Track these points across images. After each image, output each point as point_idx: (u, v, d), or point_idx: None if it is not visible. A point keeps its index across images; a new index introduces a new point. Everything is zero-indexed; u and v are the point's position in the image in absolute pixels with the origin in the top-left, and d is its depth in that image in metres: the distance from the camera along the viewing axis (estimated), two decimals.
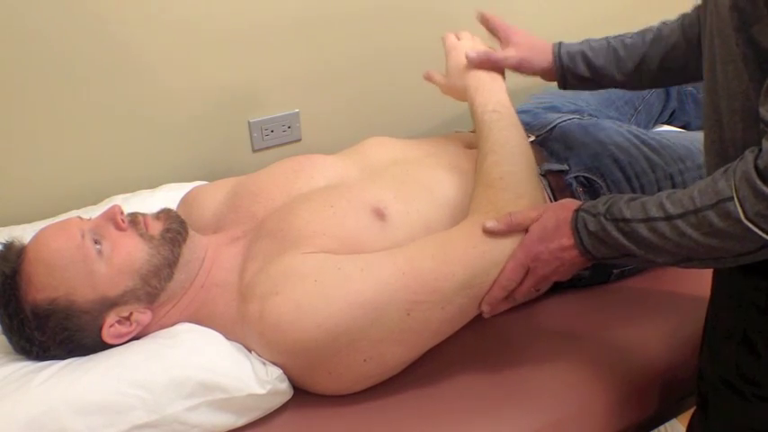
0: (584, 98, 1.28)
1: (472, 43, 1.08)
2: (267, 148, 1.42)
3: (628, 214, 0.68)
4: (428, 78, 1.11)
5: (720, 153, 0.68)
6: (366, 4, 1.38)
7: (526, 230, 0.80)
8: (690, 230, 0.62)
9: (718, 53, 0.64)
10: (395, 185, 0.95)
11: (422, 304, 0.79)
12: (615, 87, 1.00)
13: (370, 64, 1.45)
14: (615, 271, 1.07)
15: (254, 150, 1.41)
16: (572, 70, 0.99)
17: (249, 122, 1.37)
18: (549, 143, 1.10)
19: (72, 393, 0.73)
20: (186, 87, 1.27)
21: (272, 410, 0.83)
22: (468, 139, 1.15)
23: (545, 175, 1.03)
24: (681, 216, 0.63)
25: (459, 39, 1.09)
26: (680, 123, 1.45)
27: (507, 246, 0.80)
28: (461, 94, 1.03)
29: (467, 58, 1.02)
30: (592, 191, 1.03)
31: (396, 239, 0.88)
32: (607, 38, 0.99)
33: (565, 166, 1.05)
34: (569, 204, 0.78)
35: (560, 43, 1.01)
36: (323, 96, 1.43)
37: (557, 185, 1.02)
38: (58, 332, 0.79)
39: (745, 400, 0.73)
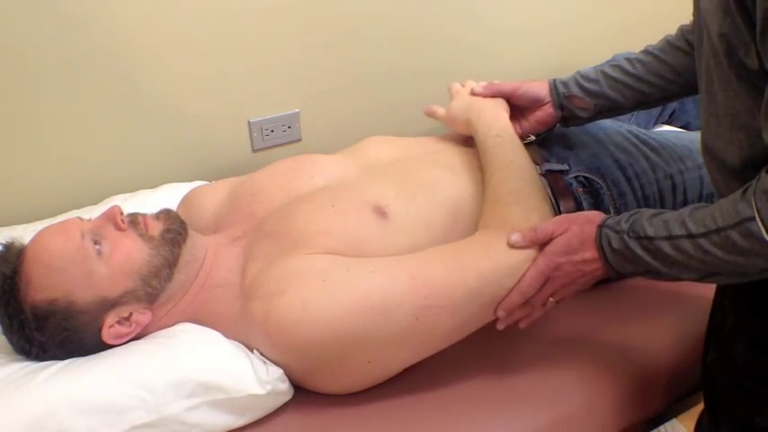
0: None
1: (477, 86, 1.13)
2: (267, 148, 1.42)
3: (651, 232, 0.70)
4: (430, 114, 1.14)
5: (721, 168, 0.70)
6: (366, 4, 1.37)
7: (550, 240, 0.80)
8: (714, 249, 0.64)
9: (715, 74, 0.65)
10: (396, 184, 0.95)
11: (431, 309, 0.78)
12: (616, 107, 1.02)
13: (371, 64, 1.45)
14: None
15: (254, 150, 1.41)
16: (565, 94, 1.04)
17: (249, 122, 1.37)
18: (548, 143, 1.10)
19: (72, 393, 0.73)
20: (186, 87, 1.27)
21: (272, 411, 0.83)
22: (467, 137, 1.14)
23: (545, 175, 1.03)
24: (703, 235, 0.65)
25: (463, 85, 1.15)
26: (680, 123, 1.45)
27: (521, 257, 0.80)
28: (465, 126, 1.07)
29: (474, 93, 1.10)
30: (592, 191, 1.03)
31: (397, 239, 0.88)
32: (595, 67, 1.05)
33: (565, 166, 1.05)
34: (594, 218, 0.78)
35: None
36: (323, 96, 1.43)
37: (557, 185, 1.02)
38: (57, 333, 0.79)
39: (757, 401, 0.74)
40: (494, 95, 1.08)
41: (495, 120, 1.03)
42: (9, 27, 1.07)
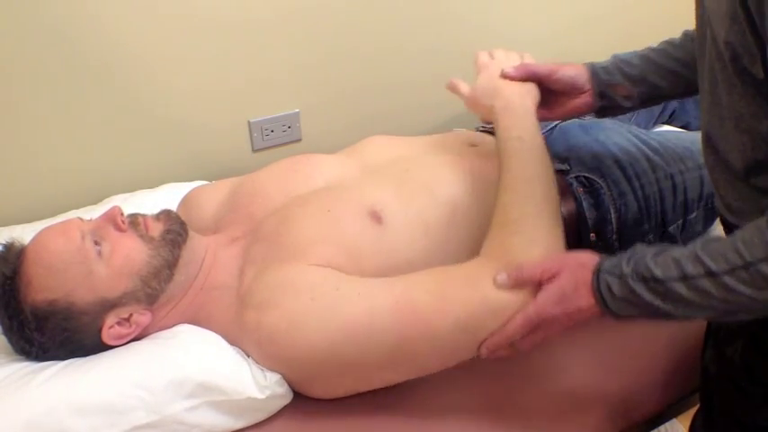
0: None
1: (507, 59, 1.00)
2: (267, 148, 1.42)
3: (659, 273, 0.64)
4: (452, 88, 1.02)
5: (724, 169, 0.69)
6: (367, 6, 1.37)
7: (538, 283, 0.75)
8: (741, 287, 0.58)
9: (720, 77, 0.64)
10: (395, 185, 0.95)
11: (412, 339, 0.77)
12: (659, 94, 0.94)
13: (371, 63, 1.45)
14: None
15: (254, 150, 1.41)
16: (608, 82, 0.94)
17: (249, 122, 1.37)
18: (549, 143, 1.09)
19: (72, 394, 0.74)
20: (186, 87, 1.27)
21: (272, 413, 0.84)
22: (468, 137, 1.14)
23: None
24: (728, 272, 0.59)
25: (492, 57, 1.01)
26: (680, 123, 1.45)
27: (508, 299, 0.76)
28: (487, 112, 0.96)
29: (504, 75, 0.96)
30: (592, 191, 1.02)
31: (394, 242, 0.88)
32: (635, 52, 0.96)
33: (565, 166, 1.05)
34: (587, 262, 0.72)
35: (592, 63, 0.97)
36: (323, 96, 1.43)
37: (557, 185, 1.02)
38: (57, 333, 0.79)
39: (754, 402, 0.74)
40: (526, 79, 0.96)
41: (520, 116, 0.91)
42: (10, 29, 1.07)
